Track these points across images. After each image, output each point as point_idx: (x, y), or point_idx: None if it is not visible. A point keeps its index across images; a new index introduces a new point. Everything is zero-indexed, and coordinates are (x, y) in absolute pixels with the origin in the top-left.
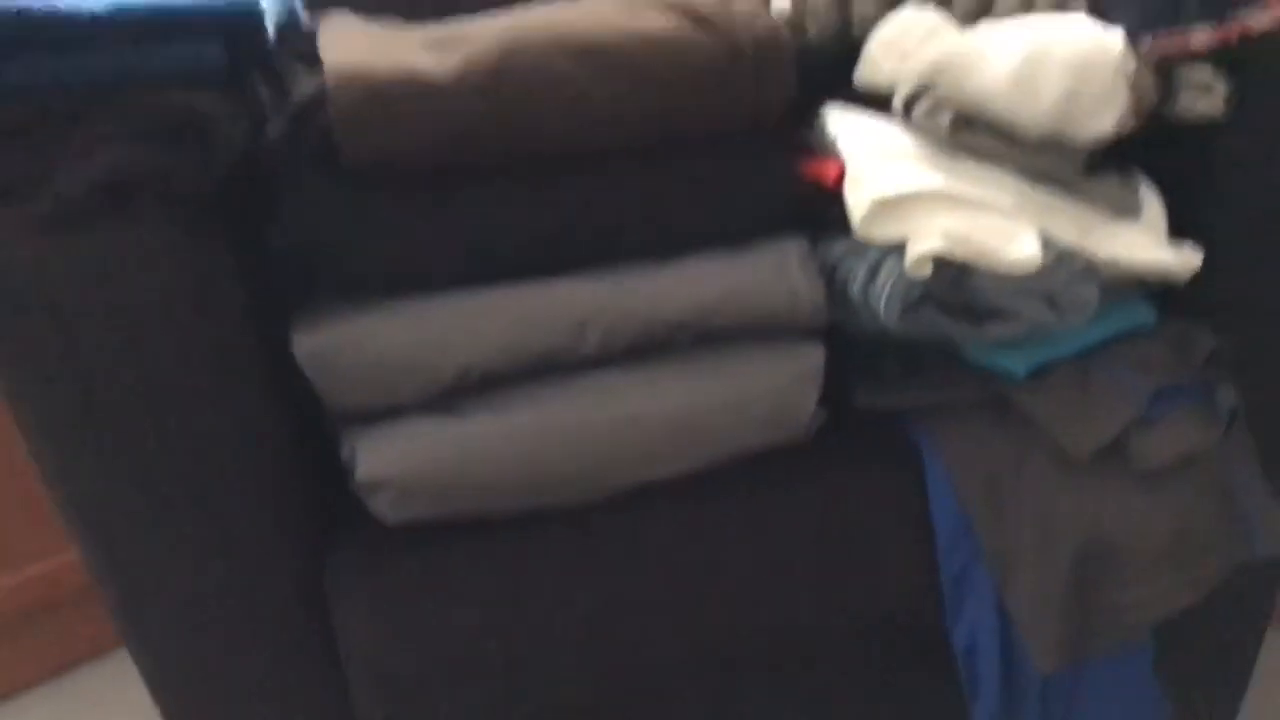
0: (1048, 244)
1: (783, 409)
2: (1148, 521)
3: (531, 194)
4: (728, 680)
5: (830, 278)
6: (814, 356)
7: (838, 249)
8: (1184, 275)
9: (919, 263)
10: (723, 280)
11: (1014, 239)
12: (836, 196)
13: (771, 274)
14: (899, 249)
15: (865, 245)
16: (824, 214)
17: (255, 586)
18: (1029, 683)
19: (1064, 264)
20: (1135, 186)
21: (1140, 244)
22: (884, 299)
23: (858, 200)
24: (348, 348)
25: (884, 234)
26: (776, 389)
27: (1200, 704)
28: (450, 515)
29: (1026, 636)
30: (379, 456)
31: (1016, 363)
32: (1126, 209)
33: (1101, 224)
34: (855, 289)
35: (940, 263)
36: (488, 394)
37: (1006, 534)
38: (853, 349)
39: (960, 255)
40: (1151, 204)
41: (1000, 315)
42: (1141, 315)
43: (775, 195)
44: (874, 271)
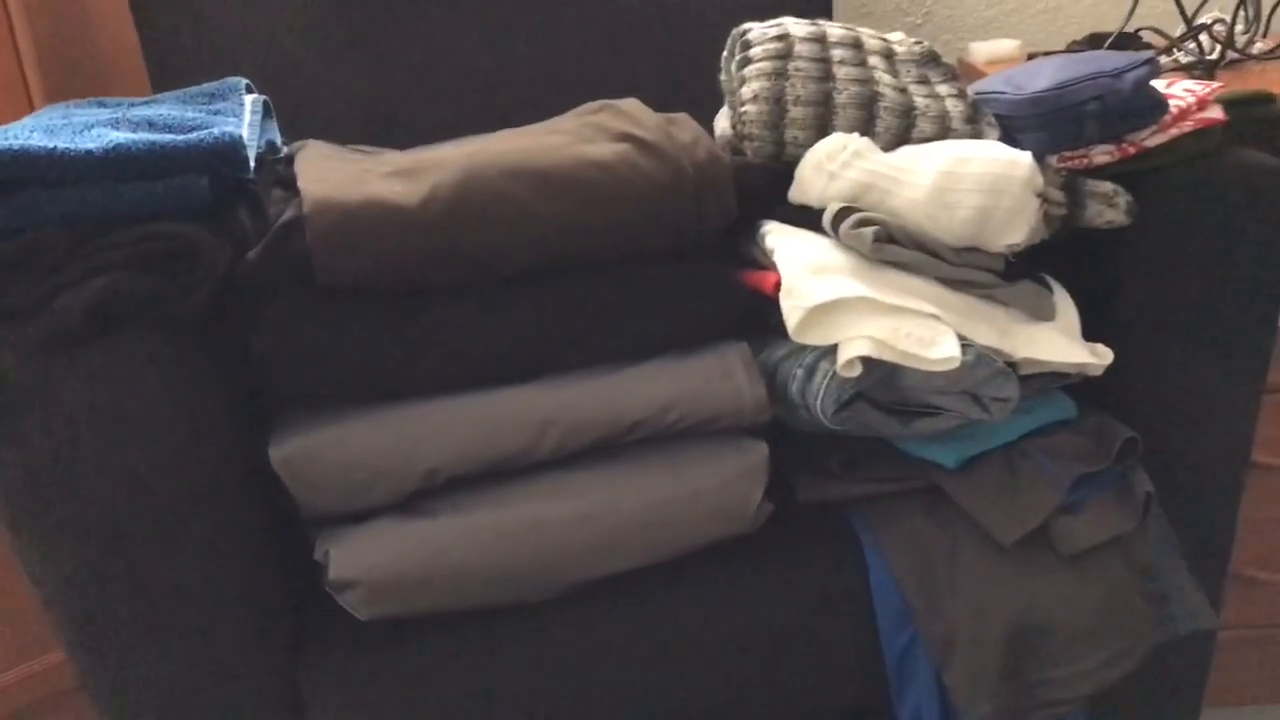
0: (967, 345)
1: (730, 502)
2: (1075, 602)
3: (493, 308)
4: None
5: (772, 379)
6: (758, 452)
7: (778, 352)
8: (1097, 371)
9: (848, 365)
10: (672, 383)
11: (935, 341)
12: (776, 305)
13: (717, 376)
14: (833, 352)
15: (802, 349)
16: (765, 320)
17: (235, 684)
18: None
19: (984, 363)
20: (1050, 291)
21: (1056, 344)
22: (820, 398)
23: (791, 309)
24: (320, 455)
25: (817, 339)
26: (724, 484)
27: None
28: (419, 612)
29: (965, 716)
30: (350, 557)
31: (947, 455)
32: (1042, 312)
33: (1019, 326)
34: (794, 389)
35: (870, 363)
36: (453, 494)
37: (942, 617)
38: (796, 445)
39: (886, 357)
40: (1066, 306)
41: (930, 411)
42: (1063, 409)
43: (719, 304)
44: (810, 373)
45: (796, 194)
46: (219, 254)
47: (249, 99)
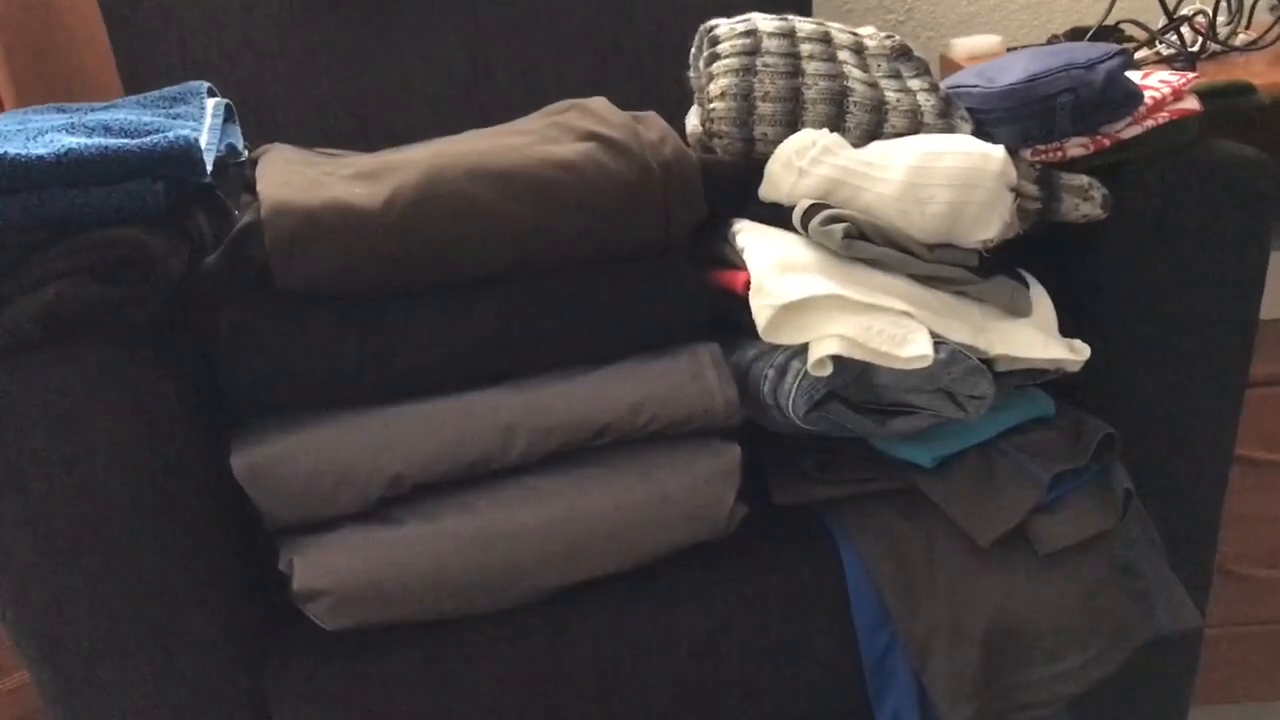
0: (941, 343)
1: (702, 506)
2: (1055, 602)
3: (457, 311)
4: None
5: (744, 380)
6: (731, 454)
7: (750, 353)
8: (1074, 368)
9: (819, 364)
10: (641, 384)
11: (907, 339)
12: (746, 304)
13: (687, 378)
14: (804, 352)
15: (773, 349)
16: (737, 321)
17: (200, 697)
18: None
19: (958, 361)
20: (1026, 286)
21: (1032, 340)
22: (791, 399)
23: (760, 307)
24: (283, 463)
25: (787, 338)
26: (695, 486)
27: None
28: (387, 621)
29: (945, 718)
30: (315, 566)
31: (923, 454)
32: (1018, 307)
33: (994, 322)
34: (766, 389)
35: (842, 363)
36: (420, 501)
37: (920, 618)
38: (773, 448)
39: (857, 356)
40: (1042, 302)
41: (904, 410)
42: (1041, 406)
43: (689, 304)
44: (782, 373)
45: (767, 191)
46: (173, 260)
47: (210, 103)
